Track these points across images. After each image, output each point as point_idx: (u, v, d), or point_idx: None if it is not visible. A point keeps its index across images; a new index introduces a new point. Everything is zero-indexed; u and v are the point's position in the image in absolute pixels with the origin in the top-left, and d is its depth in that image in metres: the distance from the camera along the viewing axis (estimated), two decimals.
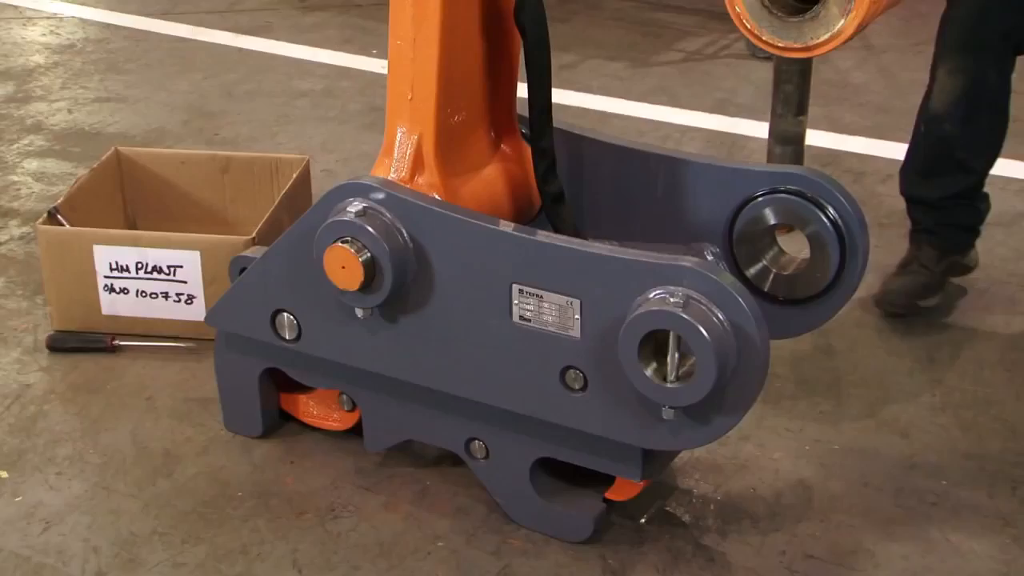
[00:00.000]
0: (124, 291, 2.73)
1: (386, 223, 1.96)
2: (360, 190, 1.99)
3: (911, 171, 2.85)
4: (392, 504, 2.22)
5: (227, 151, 3.39)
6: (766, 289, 2.15)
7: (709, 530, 2.16)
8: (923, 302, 2.81)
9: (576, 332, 1.89)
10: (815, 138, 3.59)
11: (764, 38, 1.56)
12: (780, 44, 1.55)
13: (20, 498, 2.25)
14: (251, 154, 3.21)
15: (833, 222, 2.06)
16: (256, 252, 2.28)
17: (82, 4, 5.14)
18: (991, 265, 3.02)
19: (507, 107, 2.19)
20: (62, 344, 2.71)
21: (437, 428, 2.16)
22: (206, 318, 2.32)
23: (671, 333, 1.77)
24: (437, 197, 2.04)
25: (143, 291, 2.72)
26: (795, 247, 2.21)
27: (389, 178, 2.04)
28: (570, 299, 1.87)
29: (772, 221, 2.11)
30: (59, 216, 2.77)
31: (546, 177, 2.15)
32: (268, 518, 2.19)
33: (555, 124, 2.20)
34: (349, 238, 1.96)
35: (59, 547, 2.12)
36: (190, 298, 2.71)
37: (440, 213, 1.95)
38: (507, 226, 1.94)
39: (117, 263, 2.71)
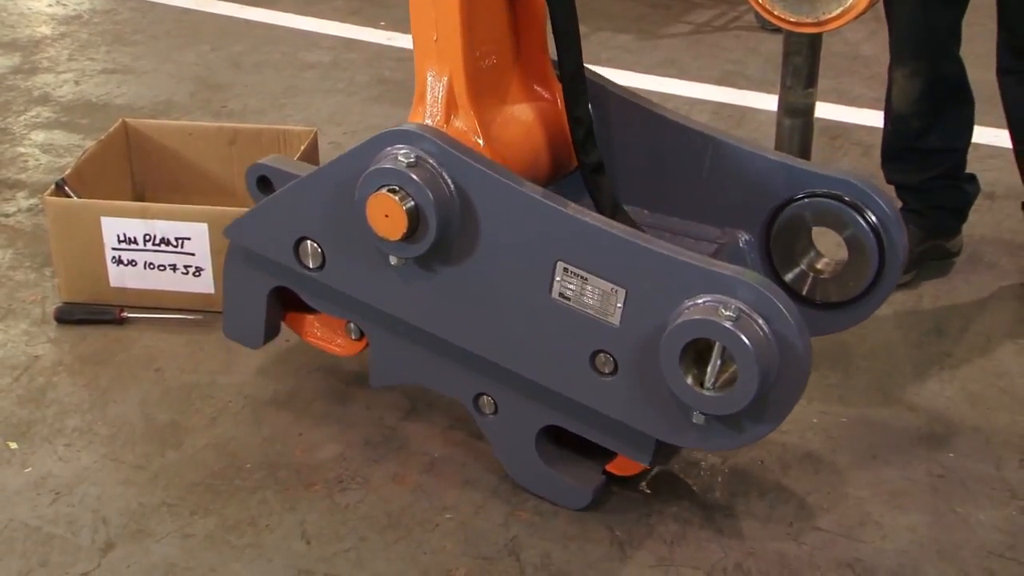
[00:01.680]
0: (132, 263, 2.73)
1: (436, 176, 1.91)
2: (411, 138, 1.94)
3: (890, 160, 2.89)
4: (400, 476, 2.22)
5: (234, 123, 3.38)
6: (804, 293, 2.15)
7: (717, 502, 2.16)
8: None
9: (616, 320, 1.87)
10: (824, 110, 3.57)
11: (776, 13, 1.55)
12: (792, 19, 1.54)
13: (30, 469, 2.26)
14: (258, 126, 3.20)
15: (872, 227, 2.05)
16: (277, 161, 2.24)
17: None
18: (999, 238, 3.01)
19: (539, 51, 2.14)
20: (70, 316, 2.71)
21: (448, 377, 2.13)
22: (226, 230, 2.24)
23: (716, 344, 1.76)
24: (479, 141, 1.99)
25: (151, 263, 2.72)
26: (830, 248, 2.20)
27: (425, 123, 2.00)
28: (616, 287, 1.85)
29: (811, 224, 2.10)
30: (67, 188, 2.76)
31: (584, 146, 2.11)
32: (276, 490, 2.19)
33: (605, 84, 2.18)
34: (397, 187, 1.91)
35: (68, 518, 2.13)
36: (198, 270, 2.71)
37: (495, 178, 1.91)
38: (562, 203, 1.90)
39: (125, 235, 2.71)
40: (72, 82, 4.06)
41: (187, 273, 2.72)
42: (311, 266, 2.13)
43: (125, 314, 2.71)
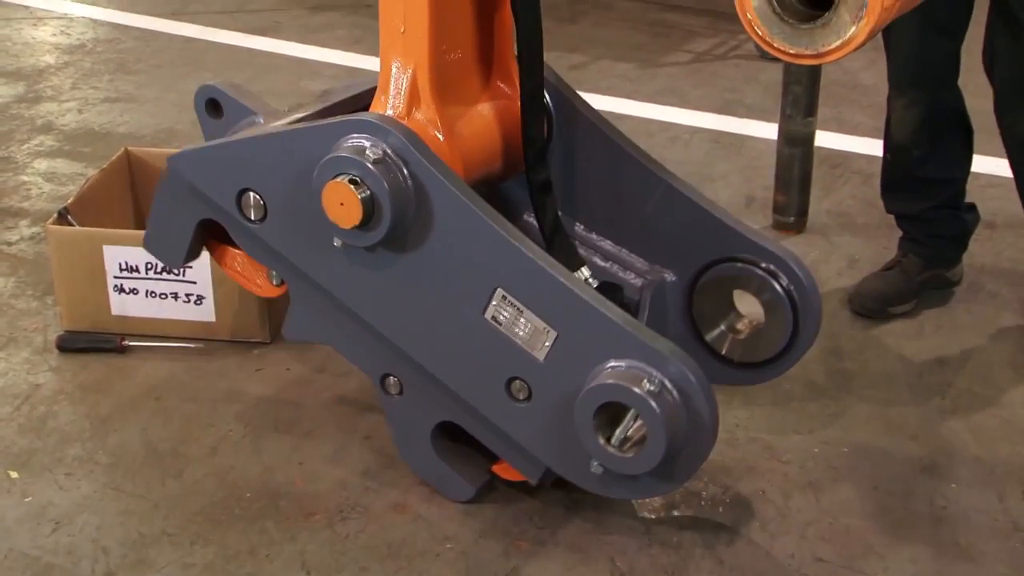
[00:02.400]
0: (134, 291, 2.73)
1: (396, 173, 1.91)
2: (375, 130, 1.93)
3: (889, 190, 2.91)
4: (401, 505, 2.22)
5: None
6: (723, 352, 2.24)
7: (718, 532, 2.16)
8: (893, 308, 2.84)
9: (541, 356, 1.91)
10: (824, 139, 3.59)
11: (775, 44, 1.55)
12: (791, 51, 1.55)
13: (30, 498, 2.25)
14: None
15: (787, 291, 2.14)
16: (230, 87, 2.23)
17: (93, 4, 5.15)
18: (999, 267, 3.02)
19: (504, 48, 2.16)
20: (72, 344, 2.72)
21: (362, 350, 2.13)
22: (169, 159, 2.17)
23: (631, 411, 1.83)
24: (438, 135, 2.00)
25: (152, 291, 2.73)
26: (750, 308, 2.25)
27: (387, 114, 2.01)
28: (549, 329, 1.90)
29: (731, 286, 2.21)
30: (69, 216, 2.77)
31: (535, 166, 2.13)
32: (277, 519, 2.19)
33: (569, 97, 2.21)
34: (357, 178, 1.90)
35: (68, 547, 2.12)
36: (199, 298, 2.72)
37: (453, 192, 1.91)
38: (515, 235, 1.93)
39: (127, 263, 2.71)
40: (75, 111, 4.08)
41: (188, 301, 2.73)
42: (251, 218, 2.09)
43: (126, 342, 2.71)
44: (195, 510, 2.21)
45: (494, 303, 1.92)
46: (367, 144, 1.92)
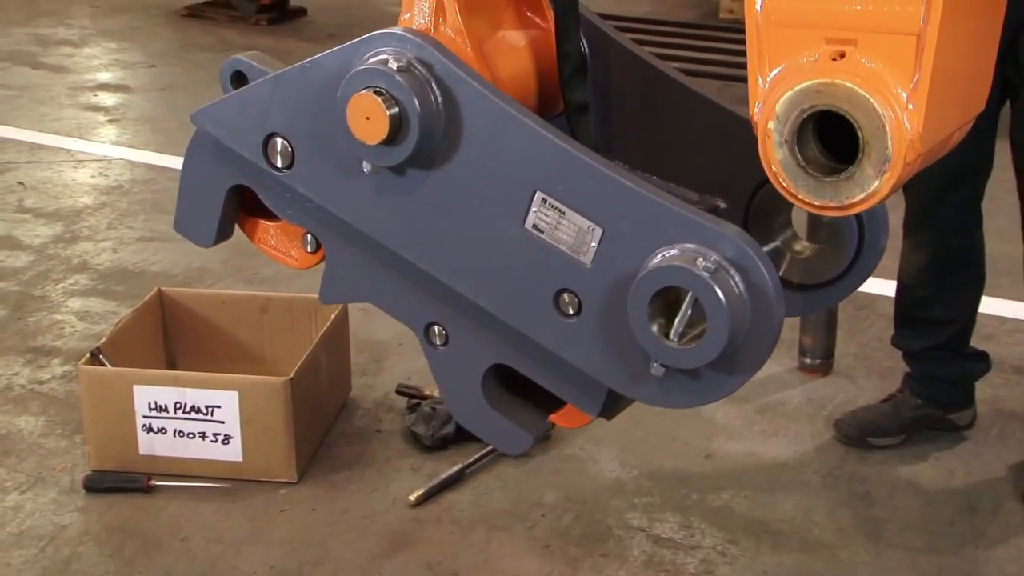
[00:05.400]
0: (162, 431, 2.75)
1: (424, 84, 1.85)
2: (402, 42, 1.87)
3: (898, 325, 2.95)
4: None
5: (266, 291, 3.44)
6: (782, 274, 2.08)
7: None
8: (875, 440, 2.86)
9: (587, 259, 1.80)
10: None
11: (801, 197, 1.58)
12: (817, 203, 1.57)
13: None
14: (290, 295, 3.26)
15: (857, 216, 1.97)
16: (256, 58, 2.20)
17: (131, 146, 5.28)
18: None
19: None
20: (99, 484, 2.72)
21: (402, 301, 2.02)
22: (193, 115, 2.10)
23: (689, 294, 1.68)
24: (465, 48, 1.93)
25: (181, 431, 2.74)
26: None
27: (413, 27, 1.94)
28: (593, 226, 1.79)
29: (787, 203, 2.07)
30: (101, 356, 2.81)
31: (570, 84, 2.03)
32: None
33: (599, 24, 2.13)
34: (383, 89, 1.84)
35: None
36: (227, 438, 2.73)
37: (484, 94, 1.85)
38: (552, 131, 1.84)
39: (156, 403, 2.73)
40: (110, 250, 4.16)
41: (216, 441, 2.73)
42: (279, 165, 2.01)
43: (153, 482, 2.71)
44: None
45: (534, 209, 1.81)
46: (390, 55, 1.87)
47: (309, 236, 2.12)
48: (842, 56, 1.48)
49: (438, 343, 2.04)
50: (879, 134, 1.47)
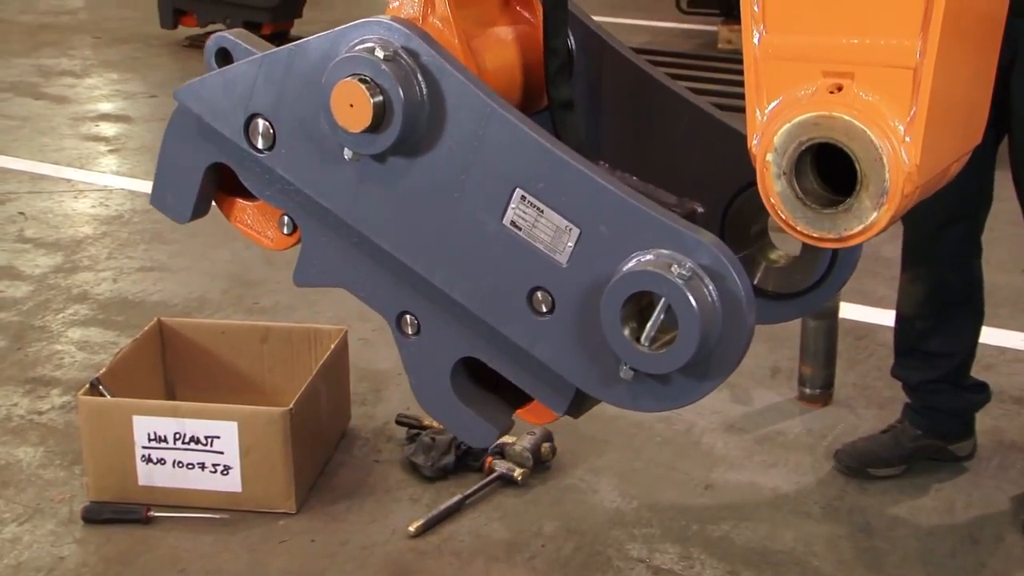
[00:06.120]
0: (161, 461, 2.74)
1: (409, 74, 1.85)
2: (389, 31, 1.88)
3: (898, 356, 2.95)
4: None
5: (266, 320, 3.44)
6: (756, 283, 2.05)
7: None
8: (875, 470, 2.87)
9: (563, 259, 1.80)
10: (848, 311, 3.61)
11: (799, 228, 1.59)
12: (815, 234, 1.58)
13: None
14: (289, 324, 3.26)
15: None
16: (242, 37, 2.19)
17: (131, 176, 5.30)
18: None
19: None
20: (97, 515, 2.71)
21: (376, 288, 2.03)
22: (176, 92, 2.09)
23: (662, 300, 1.68)
24: (453, 40, 1.94)
25: (180, 461, 2.74)
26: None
27: (402, 16, 1.95)
28: (571, 226, 1.79)
29: (763, 211, 2.05)
30: (101, 387, 2.80)
31: (556, 80, 2.03)
32: None
33: (591, 26, 2.13)
34: (368, 78, 1.84)
35: None
36: (226, 468, 2.72)
37: (469, 87, 1.85)
38: (534, 128, 1.84)
39: (155, 433, 2.73)
40: (110, 280, 4.17)
41: (215, 471, 2.73)
42: (260, 146, 2.01)
43: (152, 513, 2.71)
44: None
45: (513, 206, 1.82)
46: (377, 43, 1.87)
47: (286, 218, 2.10)
48: (839, 89, 1.49)
49: (410, 332, 2.02)
50: (877, 166, 1.48)
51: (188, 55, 7.25)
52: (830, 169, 1.54)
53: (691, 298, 1.67)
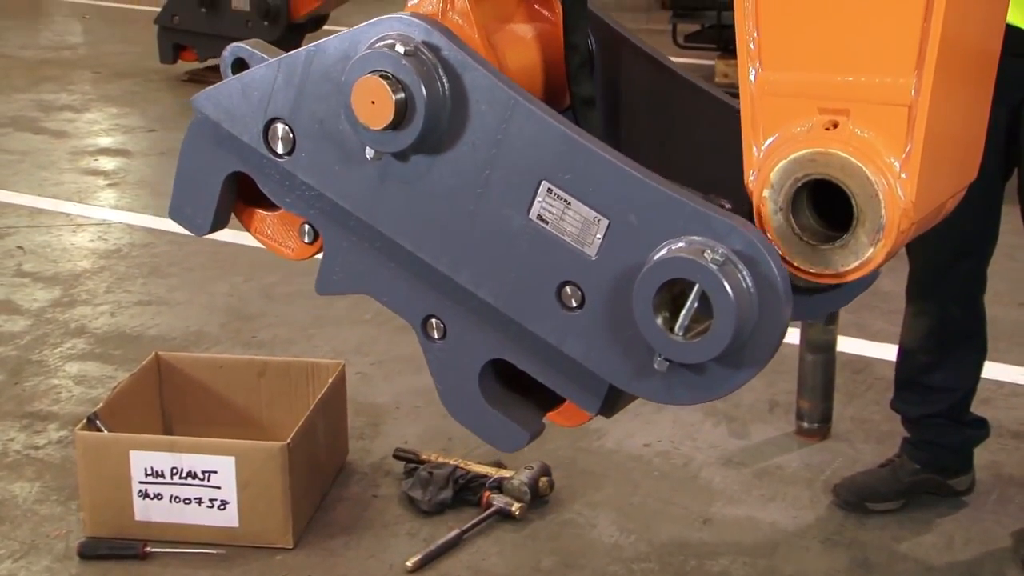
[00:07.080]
0: (158, 496, 2.73)
1: (431, 70, 1.82)
2: (410, 27, 1.85)
3: (899, 388, 2.95)
4: None
5: (264, 354, 3.44)
6: None
7: None
8: (873, 505, 2.86)
9: (592, 251, 1.75)
10: (846, 344, 3.61)
11: (796, 263, 1.59)
12: (812, 270, 1.59)
13: None
14: (287, 359, 3.26)
15: None
16: (258, 47, 2.17)
17: (129, 210, 5.31)
18: None
19: None
20: (93, 551, 2.70)
21: (400, 293, 1.98)
22: (194, 98, 2.09)
23: (696, 287, 1.64)
24: (473, 35, 1.91)
25: (176, 496, 2.73)
26: None
27: (421, 12, 1.92)
28: (599, 217, 1.75)
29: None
30: (98, 422, 2.80)
31: (577, 76, 2.01)
32: None
33: (610, 23, 2.11)
34: (389, 74, 1.81)
35: None
36: (223, 503, 2.71)
37: (492, 81, 1.82)
38: (559, 119, 1.80)
39: (152, 468, 2.72)
40: (108, 314, 4.17)
41: (212, 507, 2.72)
42: (279, 151, 1.99)
43: (148, 549, 2.70)
44: None
45: (539, 199, 1.77)
46: (397, 39, 1.85)
47: (307, 226, 2.07)
48: (835, 126, 1.50)
49: (436, 337, 1.98)
50: (873, 203, 1.48)
51: (187, 90, 7.28)
52: (827, 205, 1.55)
53: (726, 284, 1.62)
